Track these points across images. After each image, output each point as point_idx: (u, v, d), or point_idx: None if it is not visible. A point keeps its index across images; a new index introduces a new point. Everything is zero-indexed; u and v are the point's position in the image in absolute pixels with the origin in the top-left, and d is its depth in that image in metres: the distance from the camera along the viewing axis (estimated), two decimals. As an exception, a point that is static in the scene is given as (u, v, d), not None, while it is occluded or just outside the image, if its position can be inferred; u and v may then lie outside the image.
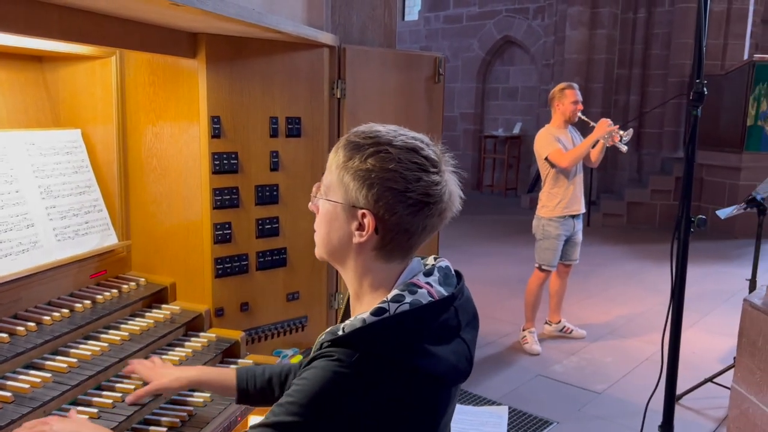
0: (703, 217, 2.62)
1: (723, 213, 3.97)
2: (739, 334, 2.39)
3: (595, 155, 4.51)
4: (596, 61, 9.60)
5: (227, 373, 1.54)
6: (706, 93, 2.47)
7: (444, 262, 1.20)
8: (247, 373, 1.52)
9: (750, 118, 8.15)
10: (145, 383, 1.62)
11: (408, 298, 1.06)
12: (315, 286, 2.46)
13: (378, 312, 1.05)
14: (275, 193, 2.28)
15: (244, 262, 2.23)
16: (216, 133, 2.11)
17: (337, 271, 2.55)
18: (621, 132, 4.41)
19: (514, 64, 12.00)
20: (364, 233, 1.08)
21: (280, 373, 1.50)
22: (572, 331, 4.85)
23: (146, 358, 1.89)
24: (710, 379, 3.84)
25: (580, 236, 4.62)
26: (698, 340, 4.79)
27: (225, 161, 2.14)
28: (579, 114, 4.45)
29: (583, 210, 4.57)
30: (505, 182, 11.81)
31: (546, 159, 4.38)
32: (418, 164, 1.07)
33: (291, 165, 2.31)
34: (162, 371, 1.61)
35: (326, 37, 2.31)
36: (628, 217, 9.20)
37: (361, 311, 1.10)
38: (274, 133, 2.25)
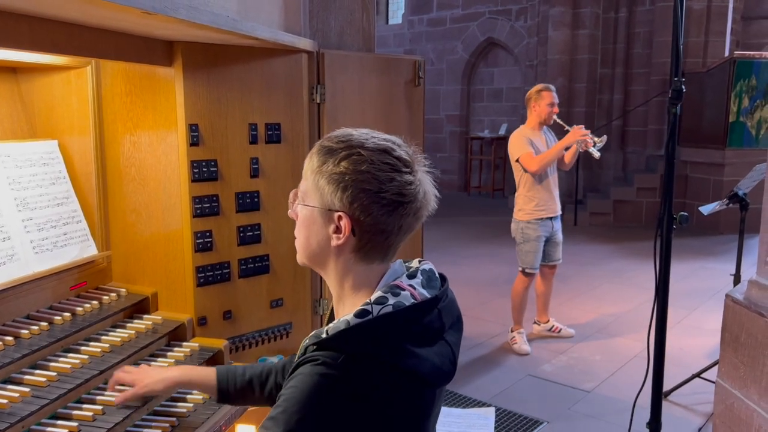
0: (685, 214, 2.64)
1: (706, 209, 4.00)
2: (722, 329, 2.40)
3: (569, 158, 4.53)
4: (579, 61, 9.66)
5: (208, 373, 1.54)
6: (684, 91, 2.49)
7: (428, 265, 1.21)
8: (227, 373, 1.53)
9: (732, 115, 8.22)
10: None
11: (391, 300, 1.07)
12: (299, 292, 2.45)
13: (361, 314, 1.06)
14: (256, 199, 2.27)
15: (226, 270, 2.22)
16: (194, 141, 2.09)
17: (321, 277, 2.55)
18: (595, 138, 4.43)
19: (498, 66, 12.06)
20: (341, 236, 1.10)
21: (261, 373, 1.50)
22: (561, 330, 4.87)
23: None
24: (697, 375, 3.86)
25: (560, 236, 4.64)
26: (685, 337, 4.82)
27: (204, 169, 2.12)
28: (555, 117, 4.47)
29: (559, 212, 4.59)
30: (492, 183, 11.85)
31: (517, 161, 4.40)
32: (390, 165, 1.08)
33: (272, 171, 2.30)
34: (144, 374, 1.60)
35: (304, 43, 2.30)
36: (615, 215, 9.25)
37: (344, 313, 1.11)
38: (253, 140, 2.24)
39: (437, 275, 1.21)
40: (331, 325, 1.08)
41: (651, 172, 9.24)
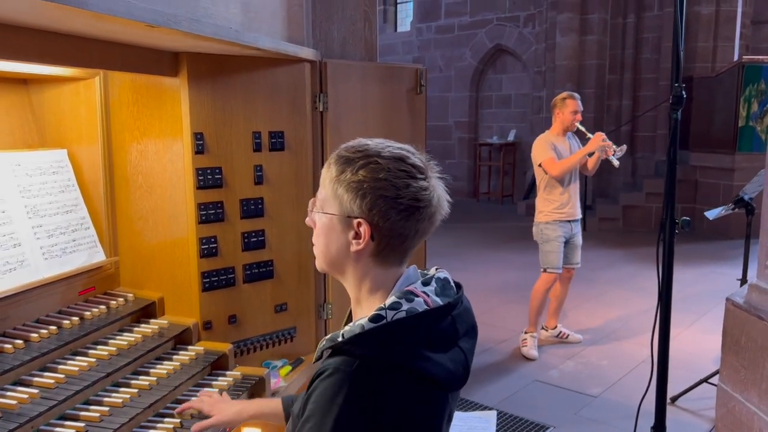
0: (687, 218, 2.67)
1: (711, 214, 4.01)
2: (723, 333, 2.42)
3: (591, 164, 4.59)
4: (587, 67, 9.67)
5: (276, 404, 1.63)
6: (685, 96, 2.53)
7: (443, 273, 1.25)
8: (292, 399, 1.61)
9: (741, 119, 8.19)
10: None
11: (405, 306, 1.11)
12: (303, 297, 2.48)
13: (376, 319, 1.09)
14: (260, 206, 2.31)
15: (231, 275, 2.26)
16: (199, 149, 2.14)
17: (325, 282, 2.60)
18: (615, 147, 4.48)
19: (507, 72, 12.08)
20: (361, 241, 1.13)
21: None
22: (568, 336, 4.87)
23: (135, 372, 1.93)
24: (705, 380, 3.85)
25: (579, 239, 4.68)
26: (694, 341, 4.81)
27: (209, 176, 2.17)
28: (577, 124, 4.53)
29: (579, 215, 4.64)
30: (501, 189, 11.85)
31: (540, 165, 4.47)
32: (406, 172, 1.12)
33: (275, 178, 2.35)
34: (223, 406, 1.69)
35: (307, 53, 2.35)
36: (624, 220, 9.24)
37: (361, 315, 1.14)
38: (257, 148, 2.29)
39: (452, 283, 1.24)
40: (346, 328, 1.12)
41: (660, 177, 9.18)
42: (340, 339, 1.10)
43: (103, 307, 2.06)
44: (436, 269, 1.26)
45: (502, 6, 11.71)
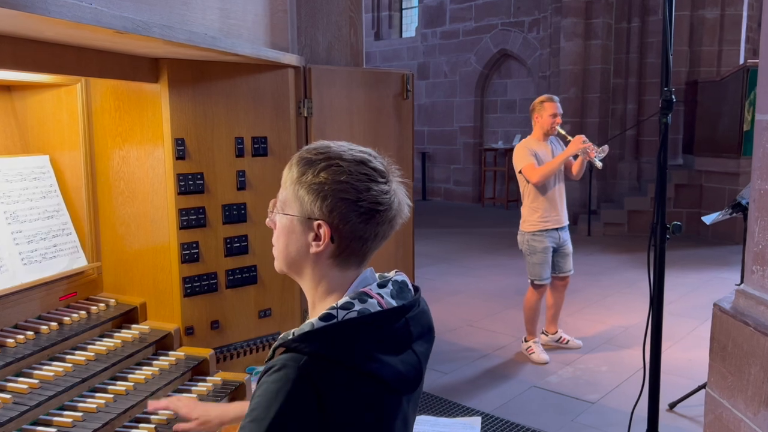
0: (678, 223, 2.66)
1: (709, 219, 3.97)
2: (711, 339, 2.39)
3: (576, 169, 4.51)
4: (592, 72, 9.62)
5: None
6: (674, 101, 2.53)
7: (400, 276, 1.24)
8: None
9: (746, 123, 8.11)
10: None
11: (357, 306, 1.10)
12: (287, 302, 2.48)
13: (326, 317, 1.08)
14: (243, 211, 2.32)
15: (213, 281, 2.26)
16: (180, 155, 2.15)
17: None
18: (596, 148, 4.41)
19: (512, 77, 12.06)
20: (320, 243, 1.13)
21: None
22: (568, 341, 4.83)
23: (113, 377, 1.94)
24: (703, 386, 3.81)
25: (569, 247, 4.60)
26: (695, 348, 4.75)
27: (190, 182, 2.18)
28: (557, 128, 4.45)
29: (566, 222, 4.56)
30: (507, 194, 11.81)
31: (520, 172, 4.41)
32: (367, 175, 1.12)
33: (258, 184, 2.35)
34: (203, 408, 1.67)
35: (290, 58, 2.35)
36: (629, 225, 9.16)
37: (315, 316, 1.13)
38: (240, 153, 2.29)
39: (410, 286, 1.24)
40: (298, 327, 1.11)
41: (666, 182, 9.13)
42: (290, 337, 1.10)
43: (83, 312, 2.06)
44: (396, 272, 1.25)
45: (506, 11, 11.71)
